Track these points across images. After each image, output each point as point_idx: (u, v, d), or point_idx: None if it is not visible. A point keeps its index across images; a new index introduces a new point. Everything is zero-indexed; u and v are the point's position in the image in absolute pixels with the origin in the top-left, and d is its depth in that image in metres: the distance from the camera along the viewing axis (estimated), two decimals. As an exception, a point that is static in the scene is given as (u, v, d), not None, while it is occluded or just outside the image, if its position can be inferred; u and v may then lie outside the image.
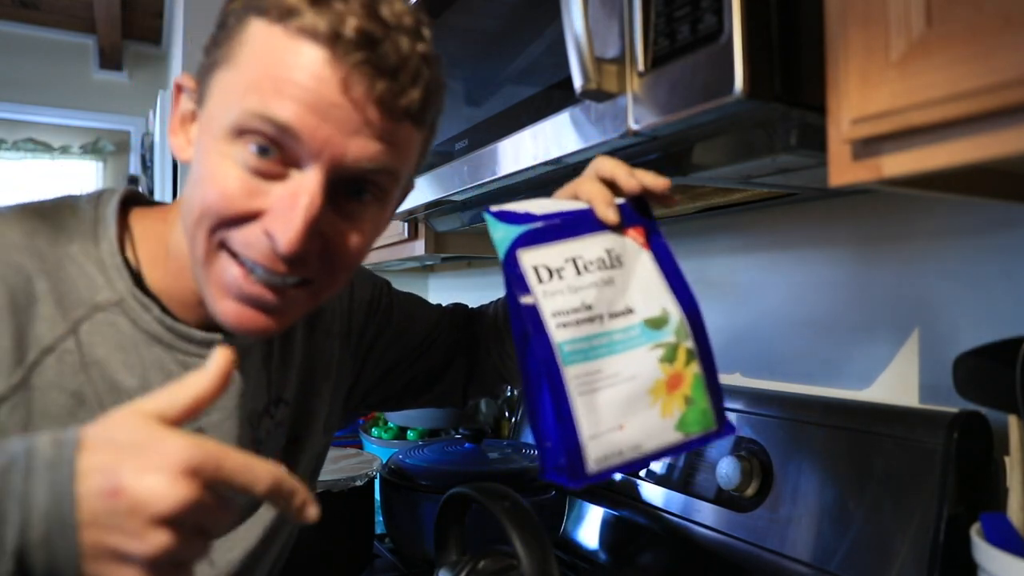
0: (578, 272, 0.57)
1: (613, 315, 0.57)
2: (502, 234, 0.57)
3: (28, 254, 0.59)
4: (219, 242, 0.57)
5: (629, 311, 0.57)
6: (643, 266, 0.60)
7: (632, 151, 0.69)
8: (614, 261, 0.59)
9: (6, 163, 4.03)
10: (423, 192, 0.98)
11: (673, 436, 0.56)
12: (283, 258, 0.56)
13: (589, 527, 1.12)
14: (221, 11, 0.59)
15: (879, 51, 0.48)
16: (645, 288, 0.59)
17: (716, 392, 0.59)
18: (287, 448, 0.76)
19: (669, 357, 0.57)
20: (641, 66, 0.60)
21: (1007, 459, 0.64)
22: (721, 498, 0.91)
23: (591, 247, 0.58)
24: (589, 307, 0.56)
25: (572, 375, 0.53)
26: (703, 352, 0.59)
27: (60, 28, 3.74)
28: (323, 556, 1.09)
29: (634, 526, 1.04)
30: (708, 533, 0.91)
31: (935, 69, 0.45)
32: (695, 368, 0.58)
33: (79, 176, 4.21)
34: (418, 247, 1.25)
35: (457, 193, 0.91)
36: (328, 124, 0.53)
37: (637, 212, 0.62)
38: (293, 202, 0.54)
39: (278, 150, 0.54)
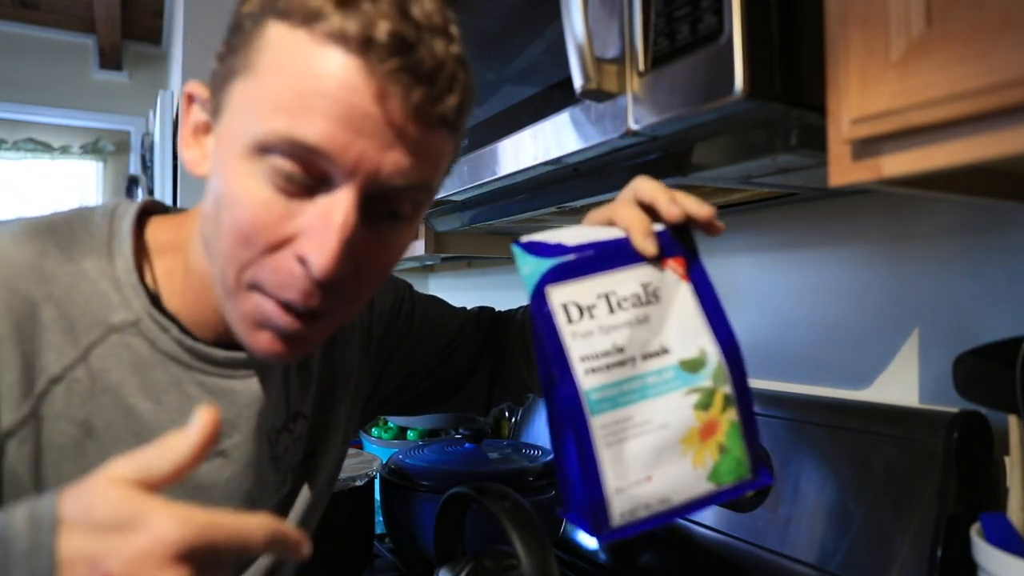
0: (611, 310, 0.52)
1: (647, 356, 0.53)
2: (531, 269, 0.52)
3: (34, 280, 0.56)
4: (248, 282, 0.54)
5: (664, 351, 0.53)
6: (682, 300, 0.56)
7: (632, 151, 0.69)
8: (650, 296, 0.54)
9: (6, 163, 4.03)
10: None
11: (704, 487, 0.53)
12: (318, 283, 0.52)
13: (589, 527, 1.12)
14: (234, 13, 0.55)
15: (879, 51, 0.48)
16: (682, 326, 0.55)
17: (753, 439, 0.55)
18: (305, 462, 0.74)
19: (705, 403, 0.53)
20: (641, 66, 0.60)
21: (1007, 459, 0.64)
22: (721, 498, 0.91)
23: (626, 281, 0.54)
24: (621, 349, 0.52)
25: (599, 425, 0.50)
26: (741, 397, 0.55)
27: (60, 28, 3.74)
28: (323, 556, 1.09)
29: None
30: (708, 533, 0.91)
31: (935, 69, 0.45)
32: (732, 415, 0.54)
33: (79, 176, 4.20)
34: (418, 247, 1.25)
35: (457, 193, 0.91)
36: (362, 139, 0.50)
37: (677, 241, 0.57)
38: (327, 222, 0.50)
39: (307, 168, 0.51)
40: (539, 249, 0.53)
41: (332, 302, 0.54)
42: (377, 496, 1.19)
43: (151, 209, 0.65)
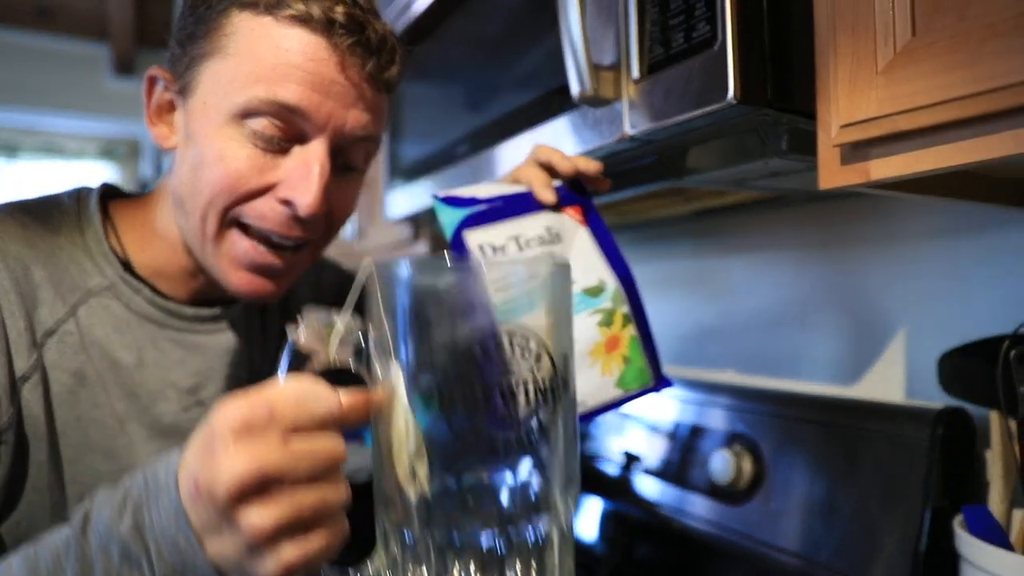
0: (519, 248, 0.61)
1: None
2: (449, 217, 0.61)
3: (22, 243, 0.62)
4: (231, 220, 0.62)
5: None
6: (581, 241, 0.64)
7: (628, 155, 0.70)
8: (553, 238, 0.63)
9: (23, 167, 4.03)
10: (426, 195, 0.99)
11: (613, 392, 0.61)
12: (302, 220, 0.61)
13: (585, 520, 1.14)
14: (188, 8, 0.62)
15: (867, 59, 0.50)
16: (583, 261, 0.63)
17: (652, 351, 0.64)
18: None
19: (606, 321, 0.62)
20: (637, 73, 0.61)
21: (988, 453, 0.65)
22: (714, 491, 0.93)
23: (532, 226, 0.62)
24: None
25: None
26: (638, 316, 0.64)
27: (75, 36, 3.76)
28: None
29: (629, 519, 1.05)
30: (702, 526, 0.92)
31: (921, 76, 0.46)
32: (631, 330, 0.63)
33: (94, 180, 4.20)
34: (420, 249, 1.26)
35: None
36: (330, 100, 0.59)
37: (574, 192, 0.66)
38: (307, 171, 0.60)
39: (284, 128, 0.59)
40: (456, 201, 0.62)
41: (308, 234, 0.63)
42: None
43: (110, 193, 0.73)
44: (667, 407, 1.04)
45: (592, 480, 1.14)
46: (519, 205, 0.63)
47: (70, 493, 0.63)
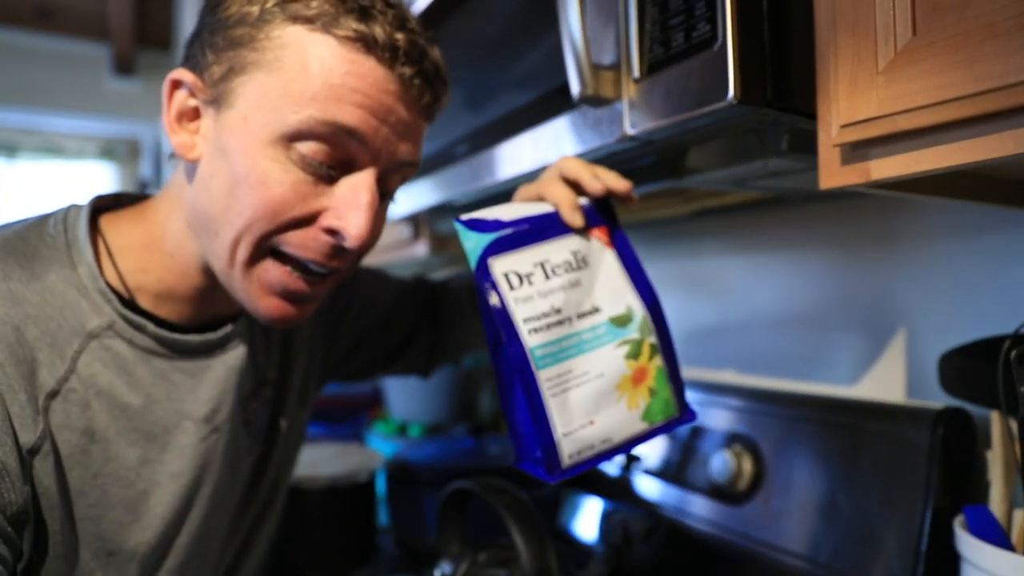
0: (546, 276, 0.58)
1: (581, 315, 0.59)
2: (473, 243, 0.58)
3: (9, 304, 0.56)
4: (268, 248, 0.59)
5: (596, 310, 0.59)
6: (608, 265, 0.62)
7: (628, 155, 0.70)
8: (580, 263, 0.61)
9: (23, 167, 4.03)
10: (425, 195, 0.99)
11: (639, 426, 0.59)
12: (343, 250, 0.60)
13: (585, 520, 1.14)
14: (216, 10, 0.58)
15: (867, 58, 0.49)
16: (610, 287, 0.61)
17: (677, 381, 0.62)
18: (271, 425, 0.78)
19: (634, 353, 0.59)
20: (637, 73, 0.61)
21: (989, 453, 0.65)
22: (715, 492, 0.92)
23: (558, 250, 0.60)
24: (558, 310, 0.58)
25: (544, 378, 0.55)
26: (665, 345, 0.62)
27: (75, 36, 3.76)
28: (329, 549, 1.10)
29: (629, 519, 1.05)
30: (702, 526, 0.92)
31: (921, 76, 0.46)
32: (658, 361, 0.61)
33: (94, 181, 4.21)
34: (420, 249, 1.26)
35: (458, 197, 0.92)
36: (385, 127, 0.58)
37: (600, 212, 0.64)
38: (357, 200, 0.58)
39: (333, 154, 0.57)
40: (479, 225, 0.59)
41: (346, 263, 0.62)
42: (381, 490, 1.21)
43: (101, 206, 0.66)
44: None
45: (592, 480, 1.14)
46: (545, 227, 0.61)
47: (91, 551, 0.59)
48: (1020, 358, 0.59)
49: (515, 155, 0.78)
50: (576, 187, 0.63)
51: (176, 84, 0.61)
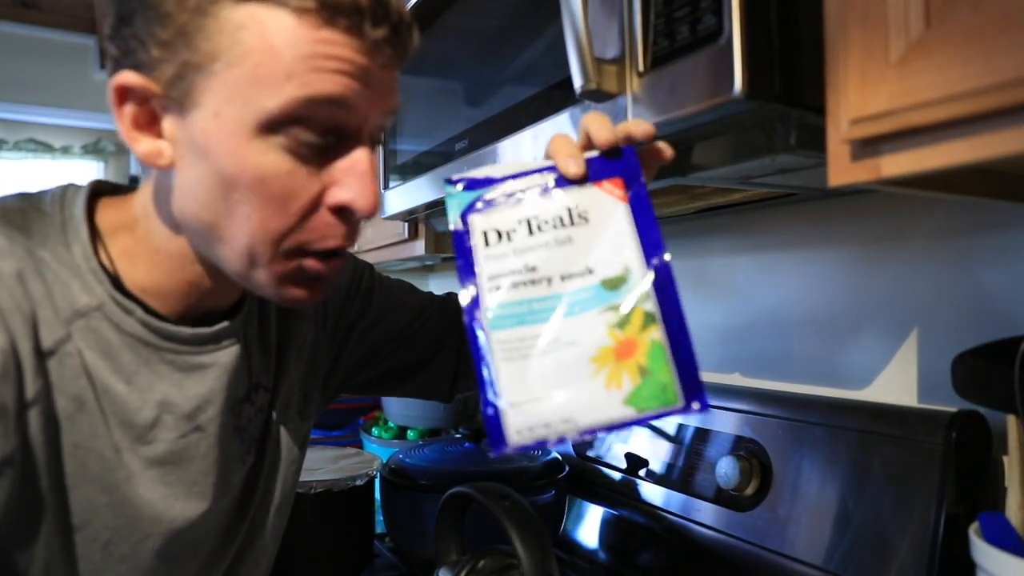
0: (530, 232, 0.53)
1: (567, 277, 0.52)
2: (456, 200, 0.55)
3: (16, 257, 0.56)
4: (290, 249, 0.57)
5: (588, 272, 0.52)
6: (617, 221, 0.54)
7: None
8: (576, 218, 0.54)
9: (7, 164, 4.04)
10: (423, 192, 0.98)
11: (620, 411, 0.49)
12: (358, 224, 0.59)
13: (589, 526, 1.13)
14: (156, 5, 0.53)
15: (878, 52, 0.48)
16: (611, 245, 0.53)
17: (685, 363, 0.49)
18: (266, 432, 0.75)
19: (620, 322, 0.50)
20: (641, 66, 0.60)
21: (1005, 459, 0.64)
22: (721, 497, 0.92)
23: (551, 205, 0.54)
24: (533, 269, 0.52)
25: (498, 340, 0.50)
26: (669, 317, 0.50)
27: (60, 28, 3.76)
28: (324, 555, 1.10)
29: (634, 525, 1.04)
30: (708, 532, 0.91)
31: (934, 70, 0.45)
32: (655, 334, 0.50)
33: (80, 177, 4.22)
34: (418, 247, 1.25)
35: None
36: (368, 89, 0.55)
37: (616, 163, 0.56)
38: (358, 168, 0.57)
39: (322, 129, 0.55)
40: (468, 184, 0.56)
41: (354, 239, 0.61)
42: (377, 495, 1.20)
43: (99, 190, 0.65)
44: (673, 410, 1.03)
45: (596, 485, 1.13)
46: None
47: (56, 523, 0.59)
48: (1037, 361, 0.58)
49: (516, 151, 0.77)
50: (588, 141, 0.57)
51: (126, 91, 0.56)
